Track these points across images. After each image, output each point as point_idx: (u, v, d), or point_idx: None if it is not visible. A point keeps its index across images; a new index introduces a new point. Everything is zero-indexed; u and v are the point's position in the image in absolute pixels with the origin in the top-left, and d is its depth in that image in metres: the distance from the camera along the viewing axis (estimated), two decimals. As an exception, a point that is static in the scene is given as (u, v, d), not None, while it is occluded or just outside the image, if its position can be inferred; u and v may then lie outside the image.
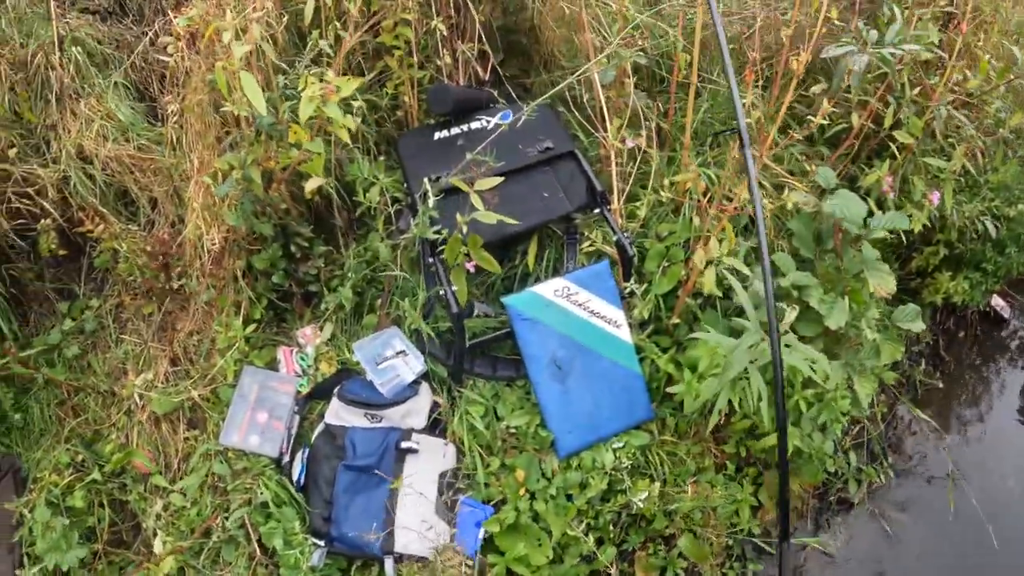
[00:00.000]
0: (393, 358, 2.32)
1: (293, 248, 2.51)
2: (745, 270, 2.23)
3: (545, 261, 2.46)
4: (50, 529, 2.29)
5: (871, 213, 2.34)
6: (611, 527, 2.33)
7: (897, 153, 2.64)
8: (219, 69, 2.04)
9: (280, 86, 2.21)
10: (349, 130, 2.07)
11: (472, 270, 2.16)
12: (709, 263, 2.22)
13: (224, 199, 2.35)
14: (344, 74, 2.22)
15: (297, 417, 2.40)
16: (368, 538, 2.19)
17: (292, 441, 2.38)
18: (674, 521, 2.39)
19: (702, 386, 2.16)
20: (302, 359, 2.48)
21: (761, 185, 2.59)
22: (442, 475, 2.25)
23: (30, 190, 2.58)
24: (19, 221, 2.60)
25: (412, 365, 2.31)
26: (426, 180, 2.14)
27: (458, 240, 2.10)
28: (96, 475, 2.40)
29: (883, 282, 2.35)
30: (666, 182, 2.48)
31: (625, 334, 2.32)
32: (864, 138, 2.78)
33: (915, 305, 2.50)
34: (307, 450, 2.33)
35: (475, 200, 2.05)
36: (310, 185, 2.28)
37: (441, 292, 2.19)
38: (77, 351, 2.67)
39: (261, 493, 2.29)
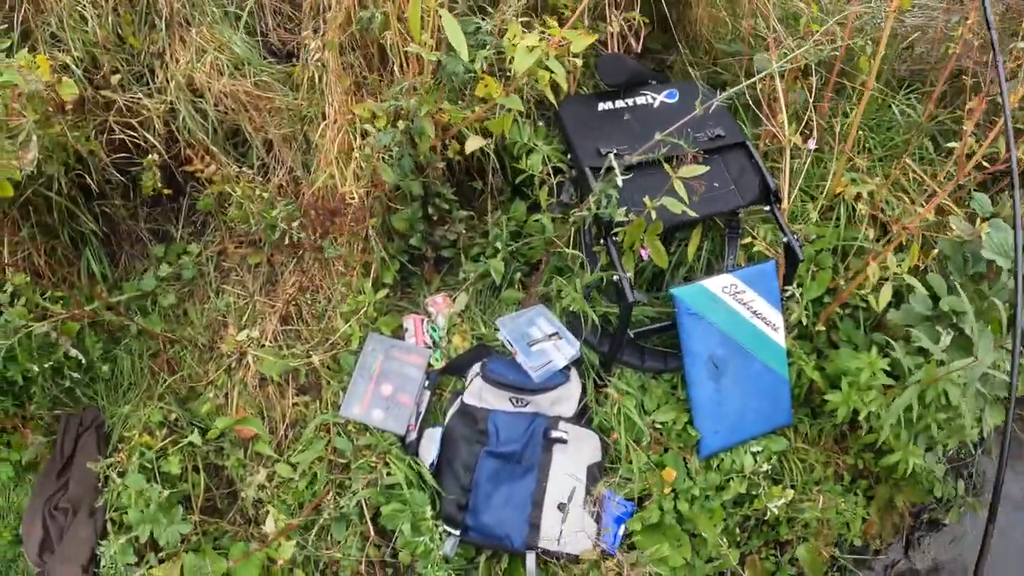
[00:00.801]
0: (544, 341, 2.13)
1: (431, 210, 2.27)
2: (921, 289, 2.12)
3: (703, 253, 2.29)
4: (144, 498, 2.02)
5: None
6: (737, 529, 2.23)
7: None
8: (414, 5, 1.77)
9: (473, 31, 1.94)
10: (556, 87, 1.83)
11: (644, 257, 1.99)
12: (884, 279, 2.10)
13: (377, 150, 2.08)
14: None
15: (427, 393, 2.20)
16: (510, 531, 2.01)
17: (421, 419, 2.17)
18: (794, 528, 2.30)
19: (867, 398, 2.06)
20: (433, 330, 2.26)
21: (913, 200, 2.47)
22: (590, 467, 2.09)
23: (134, 121, 2.24)
24: (120, 155, 2.27)
25: (565, 350, 2.13)
26: (610, 154, 1.94)
27: (641, 225, 1.92)
28: (195, 438, 2.14)
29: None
30: (827, 186, 2.34)
31: (780, 338, 2.20)
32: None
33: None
34: (441, 430, 2.12)
35: (678, 186, 1.86)
36: (470, 145, 2.06)
37: (614, 277, 2.00)
38: (173, 300, 2.38)
39: (389, 473, 2.07)
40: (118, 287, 2.39)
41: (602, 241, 2.07)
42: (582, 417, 2.19)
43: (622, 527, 2.08)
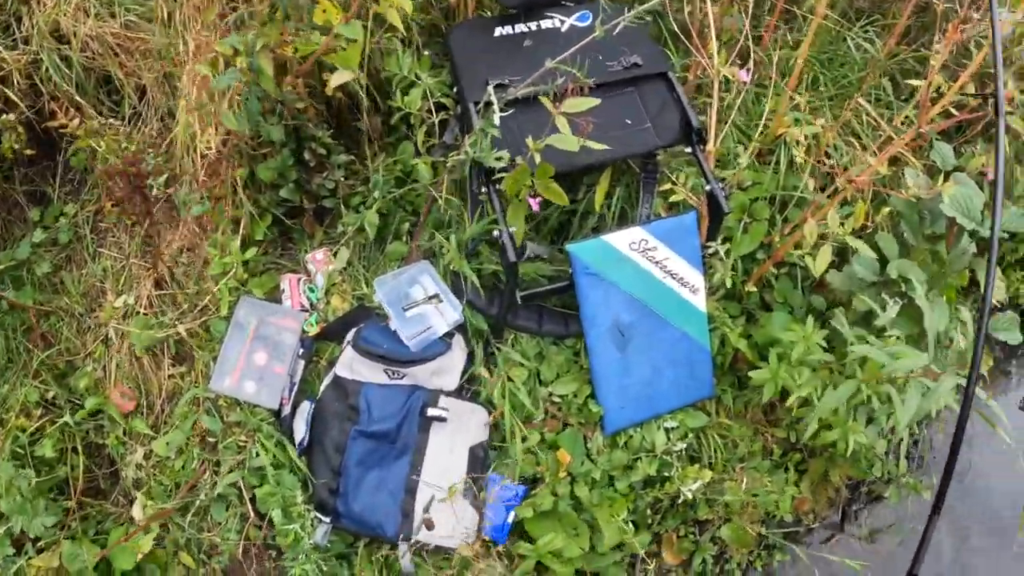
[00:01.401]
0: (424, 303, 1.57)
1: (307, 155, 1.69)
2: (869, 253, 1.50)
3: (614, 201, 1.68)
4: (14, 488, 1.55)
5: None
6: (648, 511, 1.69)
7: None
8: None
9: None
10: (402, 13, 1.23)
11: (536, 207, 1.39)
12: (823, 238, 1.48)
13: (225, 93, 1.49)
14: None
15: (302, 362, 1.65)
16: (382, 519, 1.50)
17: (295, 391, 1.64)
18: (714, 508, 1.75)
19: (799, 380, 1.47)
20: (310, 290, 1.71)
21: (865, 147, 1.82)
22: (473, 448, 1.55)
23: (-8, 76, 1.68)
24: (-15, 115, 1.70)
25: (447, 314, 1.56)
26: (490, 87, 1.33)
27: (526, 171, 1.32)
28: (68, 418, 1.66)
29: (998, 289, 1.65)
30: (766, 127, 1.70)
31: (701, 302, 1.60)
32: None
33: (1013, 313, 1.81)
34: (312, 405, 1.59)
35: (561, 124, 1.25)
36: (334, 80, 1.46)
37: (494, 232, 1.41)
38: (48, 268, 1.85)
39: (256, 455, 1.56)
40: (-8, 257, 1.87)
41: (485, 190, 1.48)
42: (468, 390, 1.64)
43: (511, 514, 1.55)
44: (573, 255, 1.51)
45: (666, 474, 1.64)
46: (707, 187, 1.55)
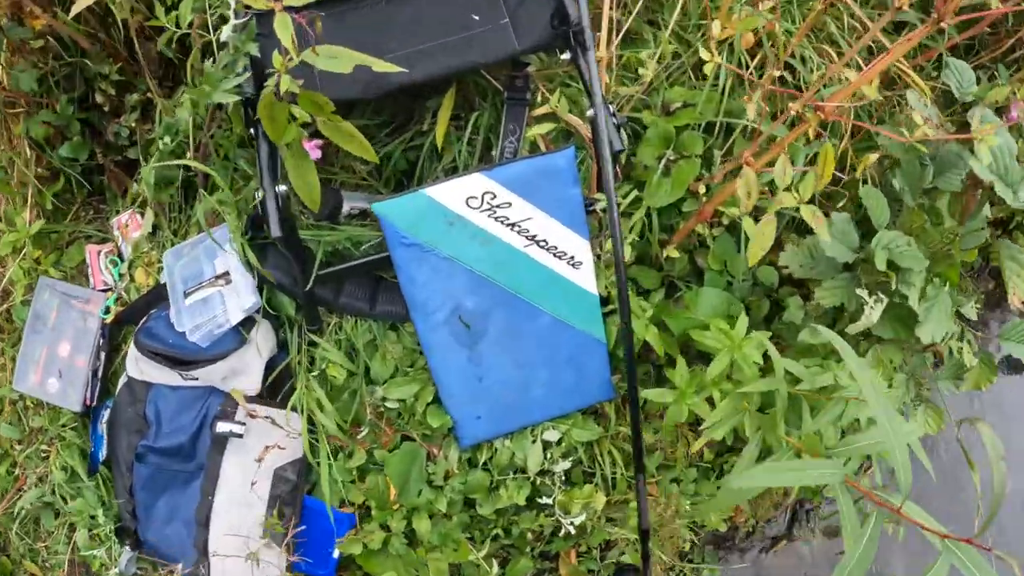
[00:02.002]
0: (209, 285, 0.99)
1: (99, 98, 1.09)
2: (824, 233, 0.79)
3: (467, 131, 1.01)
4: None
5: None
6: (528, 536, 1.11)
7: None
8: None
9: None
10: None
11: (316, 154, 0.75)
12: (765, 195, 0.78)
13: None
14: None
15: (103, 354, 1.14)
16: (177, 555, 1.02)
17: (98, 389, 1.13)
18: (619, 527, 1.16)
19: (718, 413, 0.83)
20: (113, 264, 1.17)
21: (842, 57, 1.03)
22: (280, 470, 1.00)
23: None
24: None
25: (242, 298, 0.99)
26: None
27: (280, 105, 0.67)
28: None
29: (1019, 285, 0.90)
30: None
31: (587, 278, 0.94)
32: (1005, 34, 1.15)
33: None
34: (107, 411, 1.09)
35: (281, 29, 0.59)
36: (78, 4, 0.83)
37: (256, 192, 0.80)
38: None
39: (55, 469, 1.10)
40: None
41: (252, 132, 0.85)
42: (280, 388, 1.07)
43: (336, 549, 1.03)
44: (383, 219, 0.88)
45: (542, 501, 1.06)
46: (589, 111, 0.85)
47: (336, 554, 1.02)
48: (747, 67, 1.05)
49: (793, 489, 1.36)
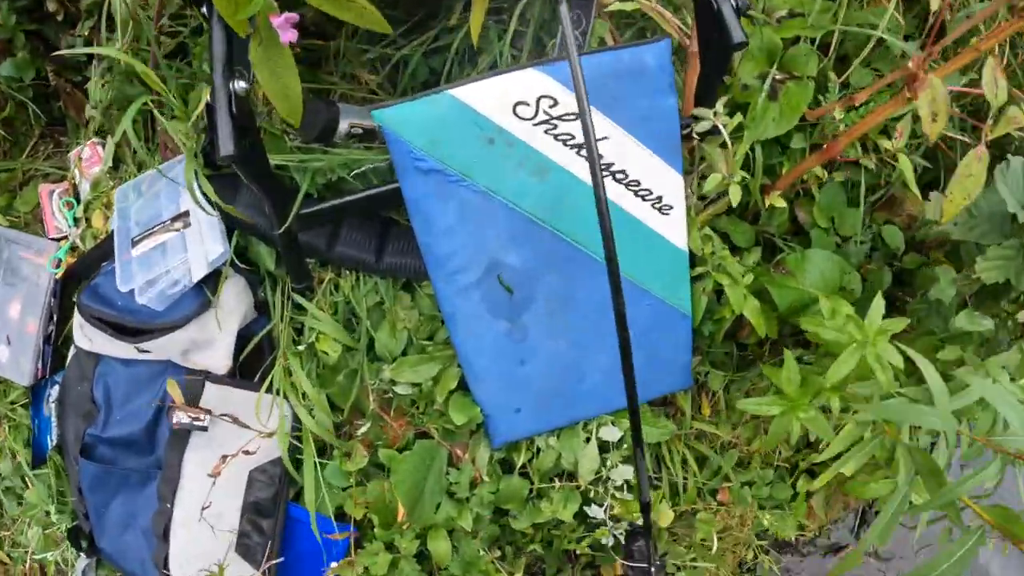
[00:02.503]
0: (162, 231, 0.63)
1: (51, 5, 0.71)
2: (1003, 188, 0.41)
3: (512, 23, 0.62)
4: None
5: None
6: (571, 547, 0.77)
7: None
8: None
9: None
10: None
11: (289, 37, 0.36)
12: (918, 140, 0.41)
13: None
14: None
15: (55, 317, 0.79)
16: (136, 568, 0.69)
17: (51, 360, 0.80)
18: (678, 541, 0.82)
19: (844, 439, 0.46)
20: (68, 206, 0.81)
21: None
22: (259, 471, 0.66)
23: None
24: None
25: (206, 246, 0.63)
26: None
27: None
28: None
29: None
30: None
31: (676, 227, 0.57)
32: None
33: None
34: (55, 388, 0.75)
35: None
36: None
37: (204, 98, 0.44)
38: None
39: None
40: None
41: (203, 11, 0.48)
42: (258, 365, 0.70)
43: (329, 570, 0.70)
44: (389, 132, 0.51)
45: (593, 510, 0.71)
46: None
47: (329, 573, 0.69)
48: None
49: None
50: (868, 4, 0.71)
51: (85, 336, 0.71)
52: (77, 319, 0.71)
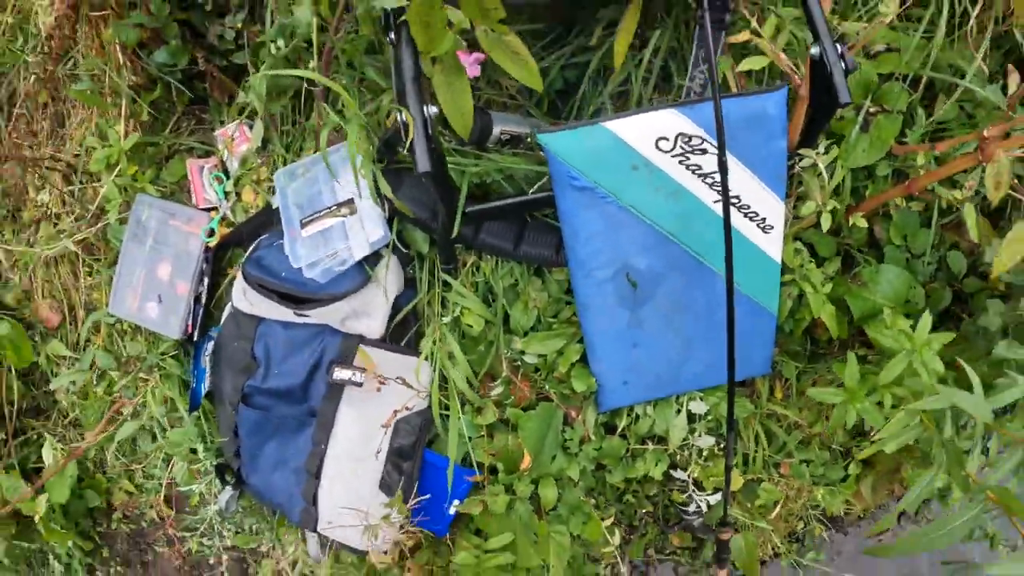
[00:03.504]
0: (331, 214, 0.92)
1: None
2: None
3: (647, 54, 0.89)
4: None
5: None
6: (646, 501, 1.10)
7: None
8: None
9: None
10: None
11: (474, 71, 0.65)
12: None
13: None
14: None
15: (206, 280, 1.09)
16: (284, 501, 1.01)
17: (200, 317, 1.10)
18: (739, 507, 1.14)
19: (893, 426, 0.74)
20: (218, 180, 1.10)
21: None
22: (401, 423, 0.97)
23: None
24: None
25: (369, 230, 0.91)
26: None
27: (437, 9, 0.56)
28: None
29: None
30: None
31: (774, 245, 0.85)
32: None
33: None
34: (211, 343, 1.06)
35: None
36: None
37: (398, 116, 0.70)
38: None
39: (147, 404, 1.08)
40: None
41: (392, 37, 0.74)
42: (405, 332, 1.00)
43: (454, 505, 1.02)
44: (551, 153, 0.78)
45: (678, 473, 1.02)
46: (813, 48, 0.72)
47: (452, 511, 1.01)
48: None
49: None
50: (958, 41, 0.94)
51: (247, 300, 1.00)
52: (240, 284, 0.99)
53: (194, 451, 1.12)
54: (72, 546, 1.38)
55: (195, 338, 1.12)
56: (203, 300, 1.11)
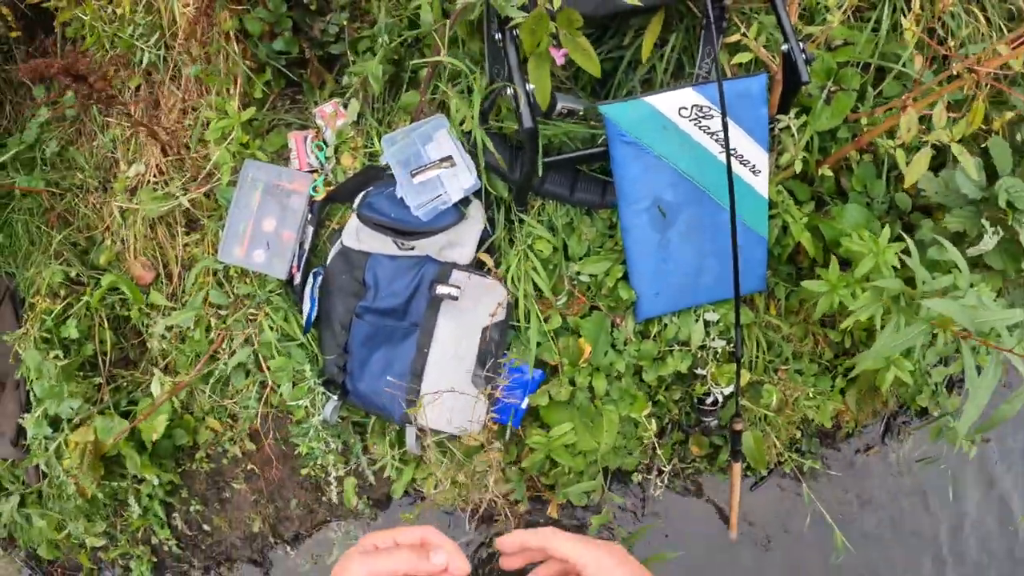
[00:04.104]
0: (434, 167, 1.40)
1: None
2: (970, 165, 1.21)
3: (667, 51, 1.41)
4: (43, 372, 1.61)
5: None
6: (672, 404, 1.59)
7: None
8: None
9: None
10: None
11: (561, 60, 1.16)
12: (923, 140, 1.20)
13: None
14: None
15: (311, 228, 1.55)
16: (387, 402, 1.46)
17: (305, 259, 1.55)
18: (746, 411, 1.63)
19: (862, 300, 1.26)
20: (318, 148, 1.56)
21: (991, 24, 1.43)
22: (486, 330, 1.44)
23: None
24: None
25: (462, 179, 1.40)
26: None
27: (544, 18, 1.07)
28: (88, 297, 1.66)
29: None
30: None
31: (762, 185, 1.38)
32: None
33: None
34: (319, 278, 1.51)
35: None
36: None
37: (508, 91, 1.20)
38: (56, 148, 1.78)
39: (262, 332, 1.52)
40: (3, 145, 1.80)
41: (500, 36, 1.24)
42: (485, 264, 1.50)
43: (525, 400, 1.48)
44: (608, 118, 1.29)
45: (698, 371, 1.51)
46: (784, 46, 1.25)
47: (524, 404, 1.47)
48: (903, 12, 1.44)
49: (890, 402, 1.85)
50: (902, 36, 1.48)
51: (357, 239, 1.47)
52: (354, 225, 1.46)
53: (299, 372, 1.55)
54: (156, 485, 1.77)
55: (296, 280, 1.56)
56: (307, 246, 1.56)
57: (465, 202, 1.43)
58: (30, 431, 1.65)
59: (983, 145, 1.43)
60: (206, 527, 1.90)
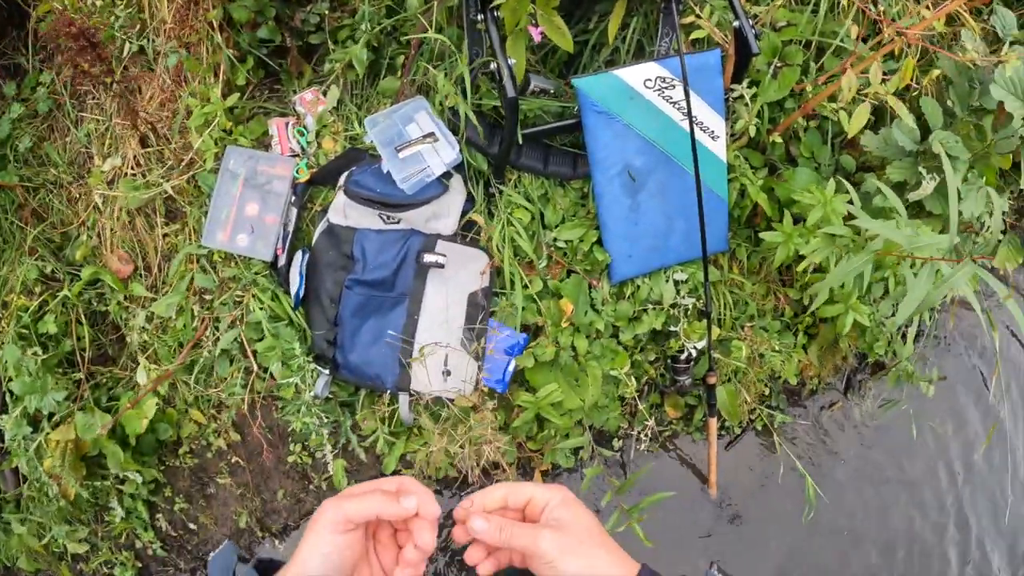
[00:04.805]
0: (418, 143, 1.50)
1: None
2: (907, 117, 1.39)
3: (630, 32, 1.55)
4: (22, 369, 1.62)
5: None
6: (648, 365, 1.71)
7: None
8: None
9: None
10: None
11: (538, 37, 1.28)
12: (863, 95, 1.37)
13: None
14: None
15: (295, 210, 1.62)
16: (380, 371, 1.52)
17: (289, 240, 1.62)
18: (718, 366, 1.76)
19: (815, 244, 1.41)
20: (300, 133, 1.64)
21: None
22: (472, 295, 1.54)
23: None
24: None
25: (444, 154, 1.50)
26: None
27: (524, 2, 1.20)
28: (67, 292, 1.69)
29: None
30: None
31: (721, 150, 1.52)
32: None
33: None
34: (306, 255, 1.57)
35: None
36: None
37: (491, 65, 1.31)
38: (30, 143, 1.80)
39: (252, 311, 1.56)
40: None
41: (481, 17, 1.36)
42: (467, 233, 1.61)
43: (512, 363, 1.57)
44: (580, 91, 1.41)
45: (672, 328, 1.64)
46: (735, 23, 1.41)
47: (511, 367, 1.56)
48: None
49: (849, 358, 2.01)
50: (840, 16, 1.67)
51: (343, 215, 1.54)
52: (340, 202, 1.55)
53: (288, 350, 1.59)
54: (140, 484, 1.76)
55: (280, 262, 1.62)
56: (291, 228, 1.62)
57: (447, 176, 1.53)
58: (8, 432, 1.63)
59: (917, 104, 1.63)
60: (191, 526, 1.89)
